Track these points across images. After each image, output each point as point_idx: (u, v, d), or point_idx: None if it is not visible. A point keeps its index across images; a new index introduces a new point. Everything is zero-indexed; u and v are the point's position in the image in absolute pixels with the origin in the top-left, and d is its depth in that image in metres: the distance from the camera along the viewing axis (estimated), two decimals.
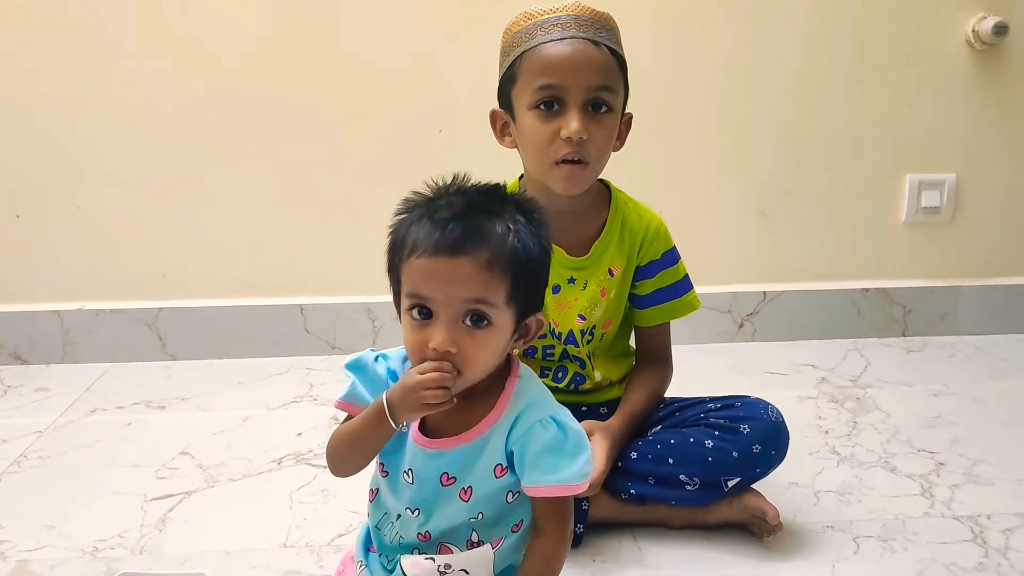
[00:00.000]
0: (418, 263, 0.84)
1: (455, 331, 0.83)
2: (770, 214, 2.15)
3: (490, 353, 0.86)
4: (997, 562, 1.25)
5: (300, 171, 2.03)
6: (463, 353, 0.84)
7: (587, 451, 0.89)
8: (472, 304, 0.83)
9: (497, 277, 0.84)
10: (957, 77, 2.12)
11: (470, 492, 0.89)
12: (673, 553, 1.28)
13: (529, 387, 0.91)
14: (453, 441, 0.89)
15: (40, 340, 2.05)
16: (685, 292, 1.41)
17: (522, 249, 0.85)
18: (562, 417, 0.89)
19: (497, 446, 0.88)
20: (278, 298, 2.09)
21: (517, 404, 0.89)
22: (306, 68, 1.99)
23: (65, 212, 2.02)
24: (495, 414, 0.89)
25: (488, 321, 0.84)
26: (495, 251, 0.83)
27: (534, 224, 0.88)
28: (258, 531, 1.35)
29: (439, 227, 0.83)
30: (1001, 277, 2.24)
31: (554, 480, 0.86)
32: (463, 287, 0.83)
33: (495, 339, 0.85)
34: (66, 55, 1.95)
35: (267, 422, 1.75)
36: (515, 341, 0.90)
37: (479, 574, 0.90)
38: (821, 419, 1.73)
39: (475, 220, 0.84)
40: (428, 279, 0.83)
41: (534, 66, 1.22)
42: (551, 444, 0.87)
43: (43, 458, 1.59)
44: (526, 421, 0.88)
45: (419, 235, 0.84)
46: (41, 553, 1.29)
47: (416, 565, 0.90)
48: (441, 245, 0.83)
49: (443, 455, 0.89)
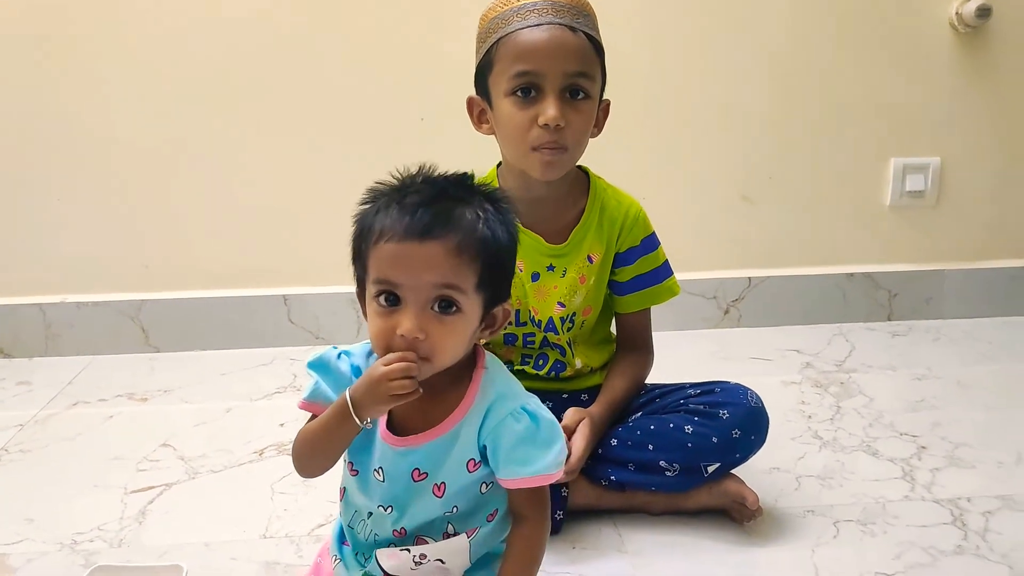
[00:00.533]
0: (387, 248, 0.83)
1: (423, 317, 0.83)
2: (754, 200, 2.15)
3: (458, 340, 0.85)
4: (976, 544, 1.26)
5: (282, 162, 2.02)
6: (431, 340, 0.83)
7: (561, 439, 0.89)
8: (441, 289, 0.82)
9: (466, 263, 0.83)
10: (941, 60, 2.11)
11: (443, 488, 0.88)
12: (653, 539, 1.28)
13: (496, 378, 0.90)
14: (422, 437, 0.88)
15: (22, 333, 2.04)
16: (665, 278, 1.40)
17: (491, 237, 0.85)
18: (533, 407, 0.89)
19: (468, 440, 0.88)
20: (261, 289, 2.08)
21: (486, 396, 0.88)
22: (288, 58, 1.98)
23: (45, 204, 2.00)
24: (463, 407, 0.88)
25: (457, 307, 0.83)
26: (465, 236, 0.83)
27: (502, 213, 0.88)
28: (238, 522, 1.35)
29: (408, 212, 0.83)
30: (986, 260, 2.24)
31: (530, 471, 0.86)
32: (432, 272, 0.82)
33: (463, 326, 0.85)
34: (44, 48, 1.93)
35: (250, 413, 1.75)
36: (482, 331, 0.89)
37: (455, 563, 0.90)
38: (804, 404, 1.73)
39: (445, 205, 0.83)
40: (397, 264, 0.82)
41: (510, 52, 1.21)
42: (524, 435, 0.86)
43: (24, 451, 1.59)
44: (497, 414, 0.87)
45: (387, 221, 0.83)
46: (19, 547, 1.29)
47: (392, 556, 0.90)
48: (411, 229, 0.82)
49: (413, 452, 0.88)
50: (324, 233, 2.02)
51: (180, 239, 2.05)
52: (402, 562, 0.89)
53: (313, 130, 2.01)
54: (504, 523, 0.93)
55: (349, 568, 0.94)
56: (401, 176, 0.88)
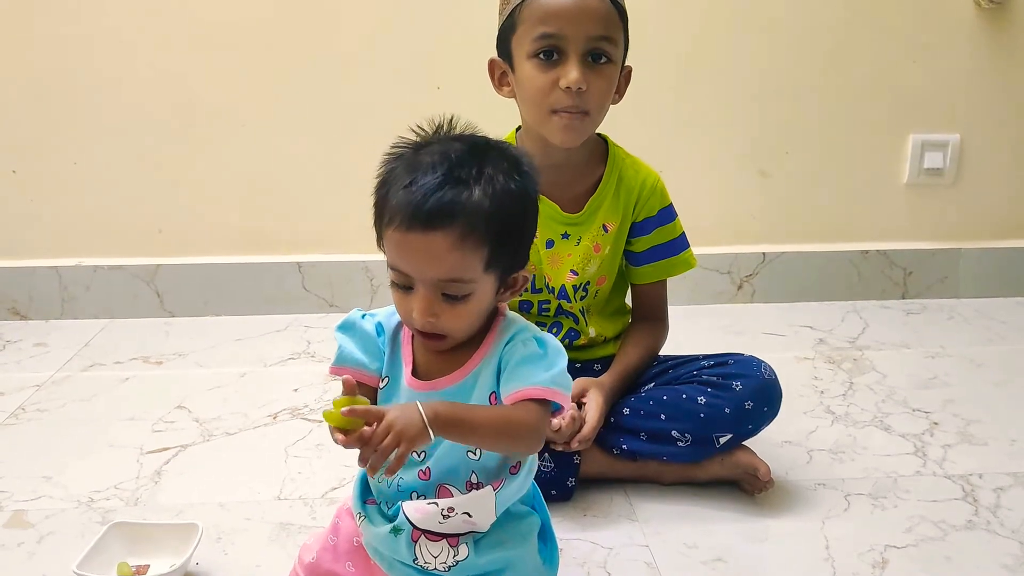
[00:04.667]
0: (394, 236, 0.84)
1: (433, 303, 0.85)
2: (771, 174, 2.13)
3: (471, 318, 0.88)
4: (987, 520, 1.26)
5: (298, 128, 2.02)
6: (442, 322, 0.85)
7: (563, 361, 0.88)
8: (447, 284, 0.84)
9: (472, 250, 0.83)
10: (963, 36, 2.09)
11: None
12: (664, 508, 1.29)
13: (514, 321, 0.92)
14: (445, 381, 0.90)
15: (39, 296, 2.05)
16: (682, 250, 1.40)
17: (500, 212, 0.84)
18: (542, 334, 0.90)
19: (488, 378, 0.89)
20: (276, 256, 2.09)
21: (502, 337, 0.90)
22: (305, 23, 1.97)
23: (62, 167, 2.01)
24: (483, 351, 0.90)
25: (466, 294, 0.85)
26: (469, 223, 0.82)
27: (522, 176, 0.87)
28: (253, 484, 1.36)
29: (415, 199, 0.82)
30: (1002, 240, 2.22)
31: (526, 384, 0.86)
32: (435, 267, 0.83)
33: (475, 307, 0.87)
34: (60, 12, 1.92)
35: (264, 378, 1.76)
36: (501, 295, 0.90)
37: (481, 516, 0.90)
38: (817, 379, 1.73)
39: (450, 192, 0.82)
40: (403, 255, 0.84)
41: (534, 15, 1.21)
42: (529, 356, 0.87)
43: (41, 411, 1.60)
44: (511, 343, 0.89)
45: (395, 204, 0.83)
46: (37, 503, 1.31)
47: (419, 510, 0.91)
48: (415, 219, 0.82)
49: (437, 395, 0.89)
50: (339, 201, 2.03)
51: (195, 204, 2.06)
52: (430, 515, 0.90)
53: (330, 98, 2.01)
54: (527, 478, 0.94)
55: (375, 523, 0.94)
56: (419, 135, 0.88)
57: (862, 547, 1.20)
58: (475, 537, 0.91)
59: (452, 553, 0.90)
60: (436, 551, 0.90)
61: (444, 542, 0.90)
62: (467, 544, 0.90)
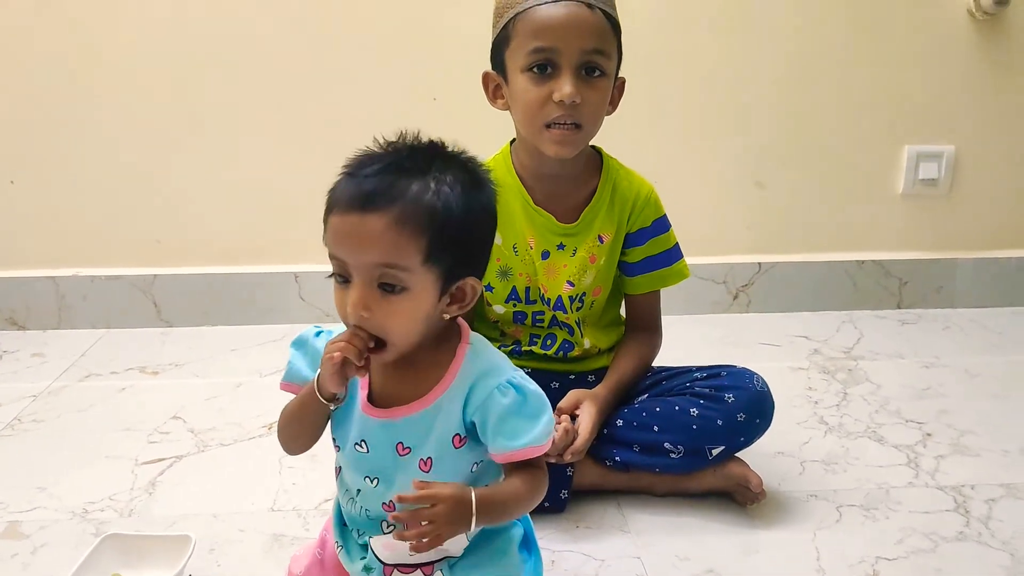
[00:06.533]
0: (334, 220, 0.82)
1: (368, 295, 0.81)
2: (766, 185, 2.14)
3: (408, 319, 0.83)
4: (978, 531, 1.26)
5: (296, 139, 2.03)
6: (376, 318, 0.81)
7: (548, 410, 0.87)
8: (381, 269, 0.81)
9: (408, 237, 0.80)
10: (958, 47, 2.09)
11: (430, 463, 0.87)
12: (657, 520, 1.29)
13: (481, 353, 0.89)
14: (403, 410, 0.87)
15: (36, 305, 2.06)
16: (675, 261, 1.41)
17: (441, 207, 0.81)
18: (519, 380, 0.87)
19: (452, 415, 0.86)
20: (273, 266, 2.09)
21: (469, 372, 0.87)
22: (300, 36, 1.98)
23: (60, 178, 2.02)
24: (445, 382, 0.86)
25: (402, 286, 0.81)
26: (406, 209, 0.80)
27: (469, 183, 0.85)
28: (246, 495, 1.37)
29: (355, 183, 0.82)
30: (998, 250, 2.23)
31: (520, 444, 0.84)
32: (371, 251, 0.80)
33: (412, 305, 0.82)
34: (58, 22, 1.94)
35: (260, 388, 1.76)
36: (447, 306, 0.86)
37: (452, 543, 0.89)
38: (811, 390, 1.74)
39: (391, 176, 0.81)
40: (340, 240, 0.82)
41: (527, 28, 1.21)
42: (511, 408, 0.85)
43: (37, 421, 1.61)
44: (483, 389, 0.85)
45: (338, 192, 0.83)
46: (32, 515, 1.31)
47: (387, 547, 0.89)
48: (353, 201, 0.81)
49: (393, 424, 0.87)
50: None
51: (193, 215, 2.06)
52: (398, 550, 0.89)
53: (327, 109, 2.01)
54: None
55: (351, 557, 0.94)
56: (380, 145, 0.87)
57: (853, 558, 1.20)
58: (450, 563, 0.90)
59: None
60: None
61: (418, 572, 0.89)
62: (442, 571, 0.90)
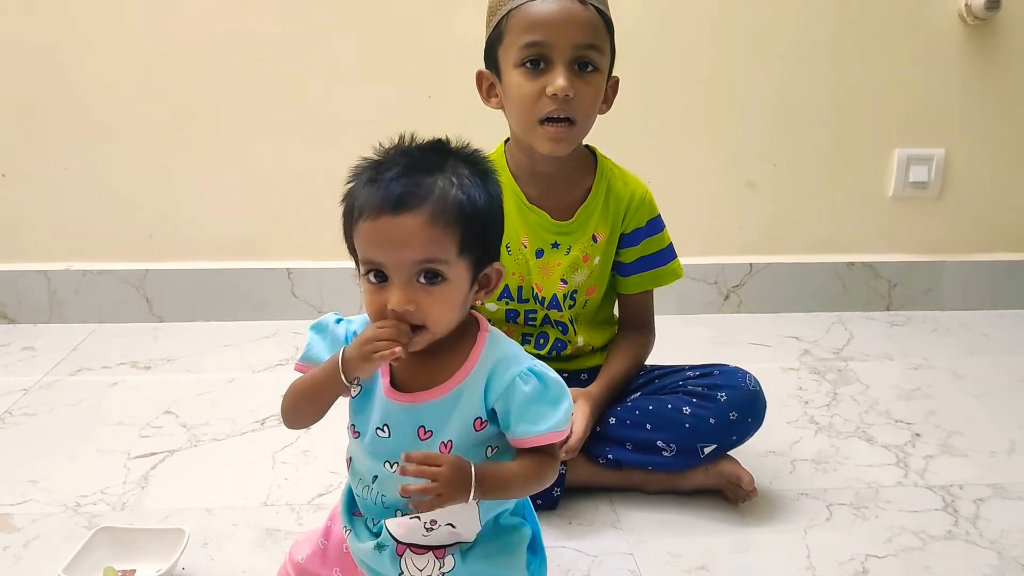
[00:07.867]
0: (365, 227, 0.84)
1: (411, 290, 0.84)
2: (758, 186, 2.15)
3: (449, 307, 0.86)
4: (966, 530, 1.28)
5: (289, 135, 2.03)
6: (421, 310, 0.84)
7: (568, 397, 0.90)
8: (423, 264, 0.84)
9: (443, 231, 0.83)
10: (949, 51, 2.11)
11: (450, 446, 0.90)
12: (649, 517, 1.30)
13: (499, 341, 0.92)
14: (426, 395, 0.89)
15: (27, 300, 2.05)
16: (669, 260, 1.41)
17: (467, 200, 0.85)
18: (539, 368, 0.90)
19: (473, 400, 0.89)
20: (266, 262, 2.09)
21: (488, 359, 0.89)
22: (296, 32, 1.98)
23: (52, 172, 2.01)
24: (466, 369, 0.89)
25: (442, 277, 0.85)
26: (438, 205, 0.83)
27: (479, 175, 0.88)
28: (239, 489, 1.37)
29: (381, 188, 0.84)
30: (986, 253, 2.25)
31: (542, 430, 0.87)
32: (410, 249, 0.83)
33: (452, 293, 0.86)
34: (51, 17, 1.93)
35: (252, 384, 1.76)
36: (476, 293, 0.90)
37: (466, 526, 0.91)
38: (802, 390, 1.75)
39: (415, 177, 0.84)
40: (376, 244, 0.84)
41: (520, 24, 1.22)
42: (534, 396, 0.88)
43: (28, 415, 1.60)
44: (504, 377, 0.88)
45: (364, 199, 0.85)
46: (24, 508, 1.31)
47: (401, 525, 0.91)
48: (384, 205, 0.83)
49: (416, 408, 0.89)
50: (328, 207, 2.00)
51: (185, 210, 2.06)
52: (412, 529, 0.90)
53: (321, 106, 2.02)
54: None
55: (360, 538, 0.95)
56: (384, 150, 0.89)
57: (843, 556, 1.21)
58: (462, 548, 0.91)
59: (438, 565, 0.90)
60: (422, 564, 0.90)
61: (430, 555, 0.91)
62: (453, 556, 0.91)
